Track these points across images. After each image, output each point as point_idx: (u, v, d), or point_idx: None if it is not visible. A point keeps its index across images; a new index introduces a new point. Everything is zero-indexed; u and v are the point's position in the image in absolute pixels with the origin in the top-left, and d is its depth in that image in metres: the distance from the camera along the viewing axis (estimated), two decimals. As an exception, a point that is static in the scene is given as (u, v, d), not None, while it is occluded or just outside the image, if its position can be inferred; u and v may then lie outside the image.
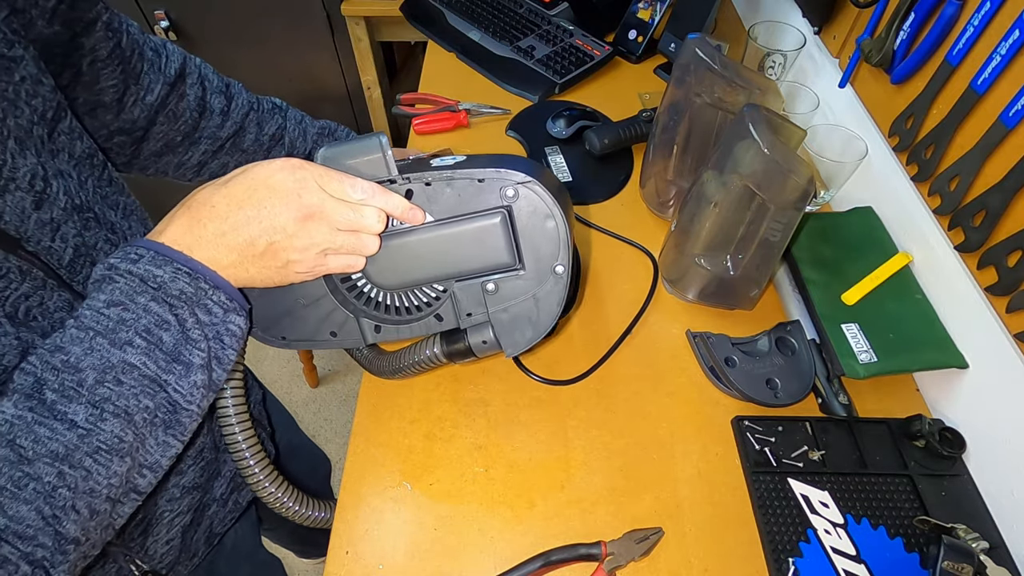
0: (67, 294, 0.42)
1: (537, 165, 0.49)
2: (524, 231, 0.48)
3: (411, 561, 0.52)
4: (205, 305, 0.39)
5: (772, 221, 0.58)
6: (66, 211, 0.42)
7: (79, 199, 0.44)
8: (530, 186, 0.46)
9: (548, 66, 0.99)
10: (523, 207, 0.47)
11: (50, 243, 0.41)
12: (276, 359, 1.75)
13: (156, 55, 0.55)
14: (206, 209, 0.40)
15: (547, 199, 0.46)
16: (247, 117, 0.63)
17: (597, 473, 0.57)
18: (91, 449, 0.35)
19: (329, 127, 0.72)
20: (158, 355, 0.37)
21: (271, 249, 0.41)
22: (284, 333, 0.52)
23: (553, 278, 0.49)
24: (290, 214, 0.41)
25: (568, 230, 0.47)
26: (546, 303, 0.50)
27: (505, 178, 0.46)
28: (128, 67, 0.52)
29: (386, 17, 1.40)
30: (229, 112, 0.62)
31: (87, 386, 0.35)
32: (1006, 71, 0.53)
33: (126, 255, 0.38)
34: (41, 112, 0.42)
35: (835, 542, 0.53)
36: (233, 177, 0.41)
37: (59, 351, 0.35)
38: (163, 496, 0.53)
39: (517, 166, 0.46)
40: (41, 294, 0.40)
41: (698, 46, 0.65)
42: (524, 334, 0.52)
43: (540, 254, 0.48)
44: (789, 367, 0.62)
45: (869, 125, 0.73)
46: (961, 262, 0.60)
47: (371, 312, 0.52)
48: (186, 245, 0.39)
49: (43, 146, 0.41)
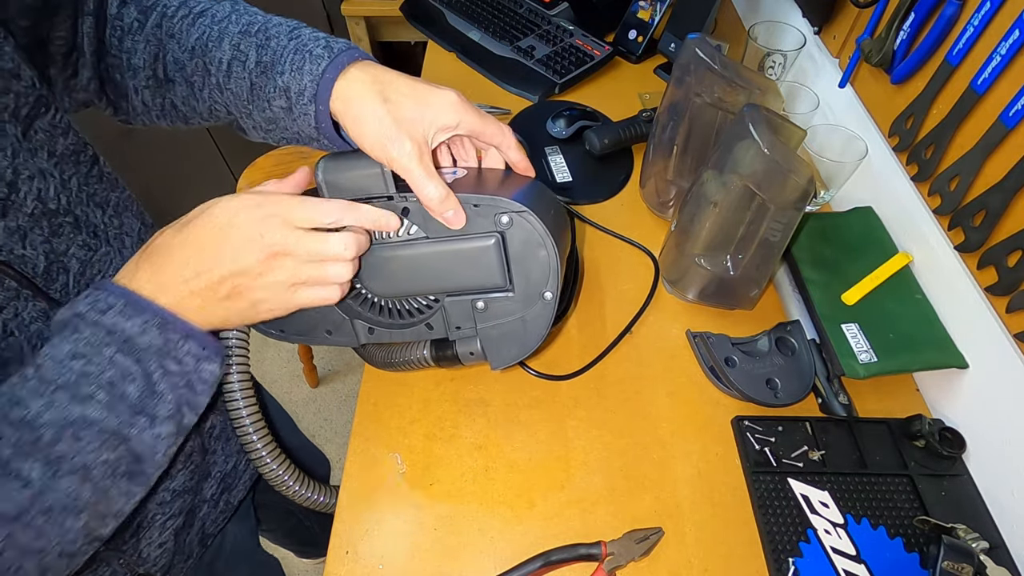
0: (43, 303, 0.41)
1: (538, 190, 0.50)
2: (516, 257, 0.48)
3: (411, 561, 0.52)
4: (175, 356, 0.38)
5: (772, 221, 0.58)
6: (33, 217, 0.40)
7: (54, 203, 0.42)
8: (525, 216, 0.46)
9: (548, 66, 0.99)
10: (516, 234, 0.47)
11: (22, 251, 0.40)
12: (276, 360, 1.75)
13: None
14: (165, 255, 0.39)
15: (540, 229, 0.46)
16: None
17: (597, 473, 0.57)
18: (43, 508, 0.34)
19: (261, 25, 0.49)
20: (121, 408, 0.36)
21: (235, 291, 0.40)
22: (282, 327, 0.54)
23: (541, 303, 0.50)
24: (253, 256, 0.40)
25: (559, 260, 0.48)
26: (533, 325, 0.51)
27: (500, 207, 0.46)
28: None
29: (386, 17, 1.40)
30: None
31: (43, 443, 0.34)
32: (1006, 71, 0.53)
33: (95, 303, 0.37)
34: (13, 110, 0.40)
35: (835, 542, 0.53)
36: (192, 219, 0.40)
37: (18, 405, 0.34)
38: (153, 500, 0.52)
39: (516, 193, 0.47)
40: (15, 305, 0.39)
41: (698, 46, 0.65)
42: (511, 351, 0.53)
43: (530, 280, 0.49)
44: (789, 367, 0.62)
45: (869, 125, 0.73)
46: (961, 262, 0.60)
47: (366, 314, 0.53)
48: (151, 291, 0.38)
49: (19, 144, 0.40)
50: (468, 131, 0.47)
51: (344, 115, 0.44)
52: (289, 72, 0.45)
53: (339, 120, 0.45)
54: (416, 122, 0.44)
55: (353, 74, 0.44)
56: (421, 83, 0.46)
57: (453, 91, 0.46)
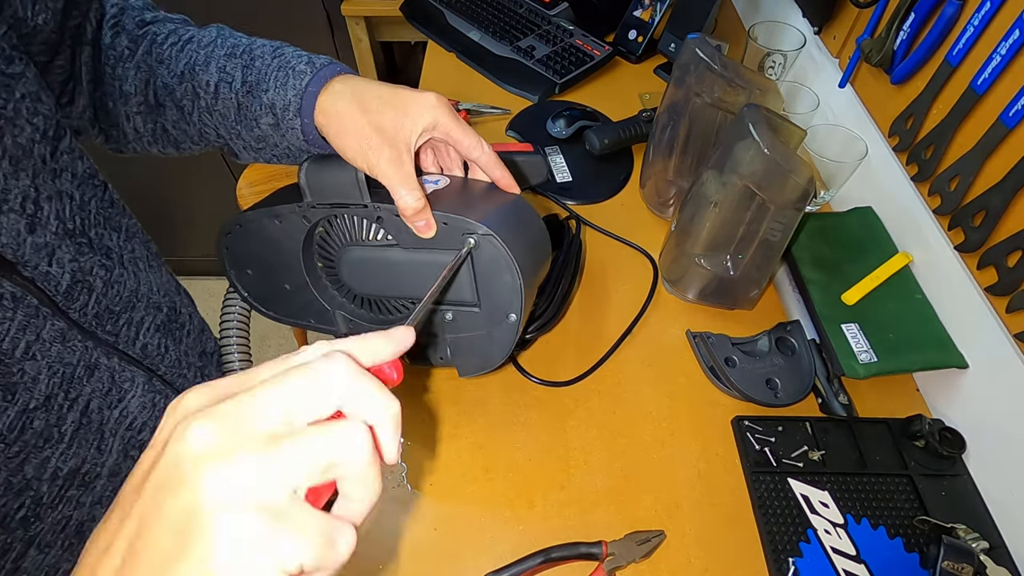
0: (61, 323, 0.40)
1: (514, 211, 0.50)
2: (483, 275, 0.49)
3: (411, 561, 0.52)
4: None
5: (772, 221, 0.58)
6: (58, 235, 0.40)
7: (72, 223, 0.42)
8: (490, 239, 0.46)
9: (548, 66, 0.99)
10: (484, 255, 0.47)
11: (47, 268, 0.39)
12: (277, 355, 1.74)
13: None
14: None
15: (505, 254, 0.46)
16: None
17: (597, 473, 0.57)
18: None
19: (245, 47, 0.50)
20: None
21: None
22: (276, 310, 0.57)
23: (506, 323, 0.50)
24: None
25: (522, 285, 0.48)
26: (499, 342, 0.52)
27: (467, 228, 0.46)
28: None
29: (386, 17, 1.39)
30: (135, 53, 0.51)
31: None
32: (1006, 71, 0.53)
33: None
34: (43, 130, 0.40)
35: (835, 542, 0.53)
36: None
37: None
38: None
39: (489, 214, 0.47)
40: (36, 324, 0.38)
41: (698, 46, 0.65)
42: (476, 362, 0.55)
43: (496, 299, 0.50)
44: (789, 367, 0.62)
45: (869, 125, 0.73)
46: (961, 262, 0.60)
47: (347, 305, 0.56)
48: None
49: (44, 165, 0.40)
50: (444, 134, 0.47)
51: (327, 127, 0.46)
52: (274, 89, 0.46)
53: (323, 133, 0.46)
54: (397, 129, 0.44)
55: (335, 87, 0.46)
56: (402, 89, 0.46)
57: (434, 94, 0.46)
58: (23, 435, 0.37)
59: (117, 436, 0.45)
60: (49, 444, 0.39)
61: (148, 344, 0.48)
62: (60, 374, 0.39)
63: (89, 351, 0.42)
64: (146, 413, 0.47)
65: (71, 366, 0.40)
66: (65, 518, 0.42)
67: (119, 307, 0.45)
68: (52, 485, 0.40)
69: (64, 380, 0.40)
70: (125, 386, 0.45)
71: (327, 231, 0.52)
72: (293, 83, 0.46)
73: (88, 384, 0.42)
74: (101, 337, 0.43)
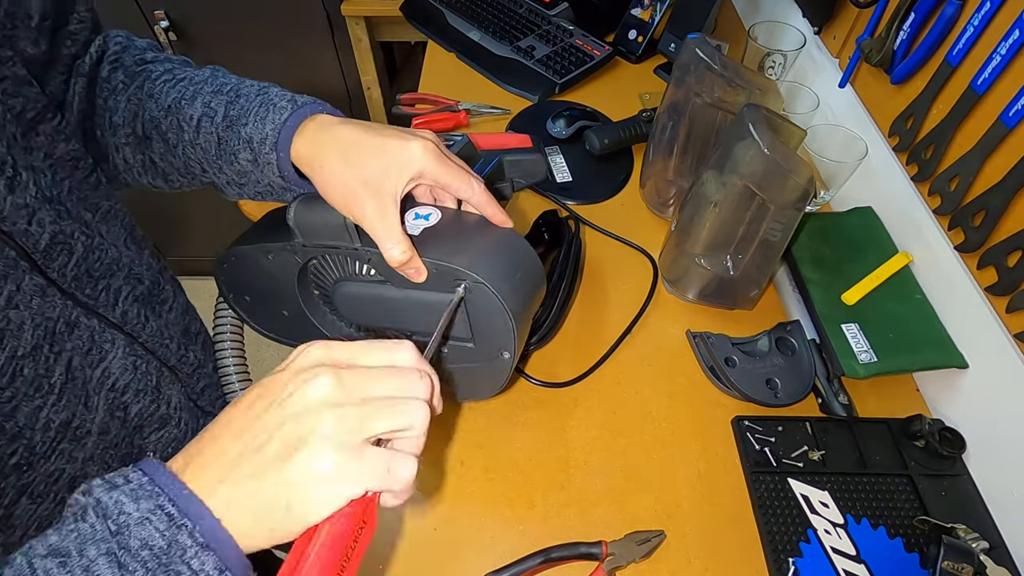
0: (40, 279, 0.40)
1: (505, 250, 0.49)
2: (476, 316, 0.49)
3: (411, 561, 0.52)
4: (176, 570, 0.28)
5: (772, 221, 0.58)
6: (38, 200, 0.41)
7: (50, 192, 0.43)
8: (481, 286, 0.46)
9: (548, 66, 0.99)
10: (476, 298, 0.47)
11: (26, 226, 0.40)
12: (275, 360, 1.75)
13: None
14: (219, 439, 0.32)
15: (496, 301, 0.46)
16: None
17: (597, 473, 0.57)
18: None
19: (233, 86, 0.50)
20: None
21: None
22: (275, 332, 0.60)
23: (499, 360, 0.51)
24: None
25: (515, 328, 0.47)
26: (494, 376, 0.52)
27: (458, 275, 0.46)
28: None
29: (386, 17, 1.39)
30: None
31: None
32: (1006, 71, 0.53)
33: (112, 479, 0.30)
34: (18, 111, 0.41)
35: (835, 542, 0.53)
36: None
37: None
38: None
39: (480, 258, 0.46)
40: (15, 275, 0.39)
41: (698, 46, 0.65)
42: (473, 390, 0.56)
43: (489, 338, 0.50)
44: (789, 367, 0.62)
45: (869, 125, 0.73)
46: (961, 262, 0.60)
47: (346, 330, 0.57)
48: (197, 480, 0.30)
49: (15, 141, 0.41)
50: (432, 181, 0.47)
51: (310, 175, 0.46)
52: (252, 123, 0.46)
53: (309, 178, 0.47)
54: (382, 180, 0.44)
55: (317, 136, 0.45)
56: (388, 134, 0.45)
57: (419, 141, 0.45)
58: (14, 381, 0.38)
59: (101, 396, 0.45)
60: (40, 393, 0.40)
61: (128, 312, 0.49)
62: (43, 327, 0.40)
63: (69, 309, 0.42)
64: (128, 375, 0.47)
65: (52, 320, 0.41)
66: (58, 471, 0.43)
67: (98, 272, 0.46)
68: (45, 435, 0.41)
69: (47, 333, 0.41)
70: (106, 347, 0.45)
71: (321, 265, 0.52)
72: (272, 118, 0.46)
73: (69, 340, 0.42)
74: (80, 299, 0.44)
